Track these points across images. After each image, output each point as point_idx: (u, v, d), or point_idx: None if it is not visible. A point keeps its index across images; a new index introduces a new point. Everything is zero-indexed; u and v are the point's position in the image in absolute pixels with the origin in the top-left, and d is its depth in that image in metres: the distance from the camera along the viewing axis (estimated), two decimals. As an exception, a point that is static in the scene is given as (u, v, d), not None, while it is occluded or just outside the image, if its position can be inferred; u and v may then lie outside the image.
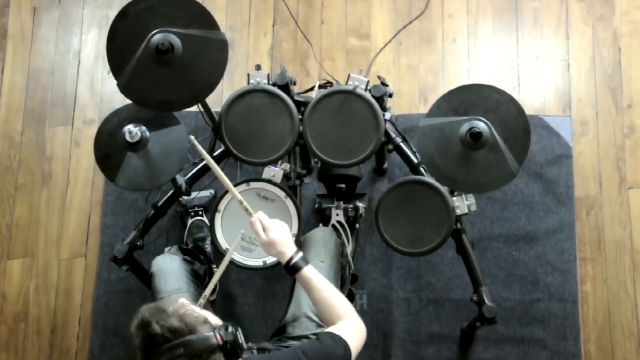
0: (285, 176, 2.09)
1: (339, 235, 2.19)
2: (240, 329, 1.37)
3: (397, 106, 2.61)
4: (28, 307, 2.52)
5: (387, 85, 1.99)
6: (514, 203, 2.48)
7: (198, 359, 1.27)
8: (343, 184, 2.29)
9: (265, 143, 1.91)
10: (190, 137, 1.75)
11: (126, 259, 2.07)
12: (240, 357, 1.34)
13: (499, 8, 2.71)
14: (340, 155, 1.90)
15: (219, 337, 1.29)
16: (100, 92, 2.73)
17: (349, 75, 1.91)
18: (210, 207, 2.42)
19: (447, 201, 1.88)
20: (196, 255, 2.23)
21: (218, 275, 1.65)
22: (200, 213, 2.45)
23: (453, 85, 1.89)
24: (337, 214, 2.30)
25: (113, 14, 1.80)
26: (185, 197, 2.36)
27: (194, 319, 1.30)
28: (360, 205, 2.33)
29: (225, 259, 1.68)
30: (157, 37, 1.76)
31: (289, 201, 1.97)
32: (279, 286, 2.44)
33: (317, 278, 1.62)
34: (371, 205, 2.42)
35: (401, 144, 2.03)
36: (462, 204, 1.93)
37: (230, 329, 1.33)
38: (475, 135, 1.77)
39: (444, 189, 1.89)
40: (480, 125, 1.79)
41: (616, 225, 2.46)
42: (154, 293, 1.94)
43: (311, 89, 2.13)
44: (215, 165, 1.72)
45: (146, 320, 1.27)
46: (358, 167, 2.31)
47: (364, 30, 2.72)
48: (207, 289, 1.63)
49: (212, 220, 1.98)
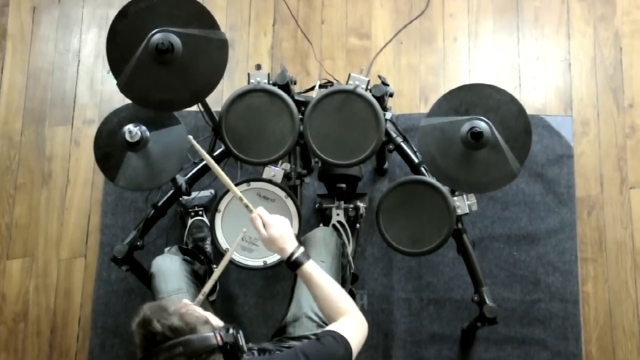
0: (286, 176, 2.09)
1: (340, 235, 2.18)
2: (241, 332, 1.36)
3: (398, 106, 2.60)
4: (28, 307, 2.52)
5: (388, 85, 1.98)
6: (515, 203, 2.47)
7: (197, 358, 1.26)
8: (344, 183, 2.29)
9: (265, 143, 1.91)
10: (189, 137, 1.74)
11: (126, 259, 2.07)
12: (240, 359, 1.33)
13: (499, 7, 2.71)
14: (340, 155, 1.90)
15: (219, 338, 1.29)
16: (100, 92, 2.73)
17: (349, 75, 1.91)
18: (211, 207, 2.41)
19: (448, 201, 1.88)
20: (196, 255, 2.22)
21: (218, 272, 1.64)
22: (201, 213, 2.44)
23: (454, 85, 1.89)
24: (338, 214, 2.30)
25: (113, 13, 1.79)
26: (186, 197, 2.36)
27: (195, 319, 1.30)
28: (361, 205, 2.33)
29: (226, 256, 1.68)
30: (157, 37, 1.76)
31: (289, 201, 1.97)
32: (279, 286, 2.44)
33: (319, 274, 1.61)
34: (372, 205, 2.41)
35: (402, 143, 2.03)
36: (463, 203, 1.92)
37: (231, 330, 1.33)
38: (476, 135, 1.77)
39: (445, 189, 1.89)
40: (482, 125, 1.79)
41: (617, 225, 2.46)
42: (153, 293, 1.94)
43: (311, 88, 2.13)
44: (214, 163, 1.72)
45: (147, 318, 1.27)
46: (359, 167, 2.30)
47: (365, 29, 2.72)
48: (206, 285, 1.62)
49: (213, 220, 1.97)
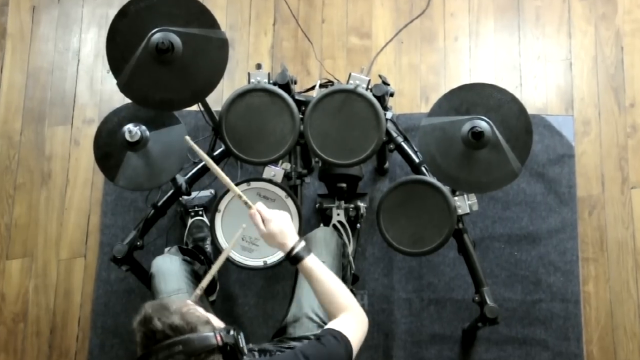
0: (286, 176, 2.08)
1: (340, 235, 2.18)
2: (242, 334, 1.36)
3: (399, 105, 2.60)
4: (27, 308, 2.51)
5: (389, 85, 1.98)
6: (516, 203, 2.47)
7: (196, 357, 1.26)
8: (344, 183, 2.29)
9: (265, 142, 1.90)
10: (186, 138, 1.73)
11: (126, 259, 2.07)
12: (240, 361, 1.33)
13: (500, 7, 2.70)
14: (341, 155, 1.89)
15: (219, 338, 1.29)
16: (100, 92, 2.72)
17: (350, 75, 1.90)
18: (211, 207, 2.41)
19: (449, 201, 1.87)
20: (196, 255, 2.22)
21: (216, 267, 1.62)
22: (201, 213, 2.44)
23: (455, 85, 1.89)
24: (338, 214, 2.30)
25: (113, 12, 1.79)
26: (186, 197, 2.35)
27: (195, 319, 1.30)
28: (362, 205, 2.32)
29: (224, 251, 1.66)
30: (157, 36, 1.75)
31: (289, 201, 1.96)
32: (279, 286, 2.43)
33: (320, 268, 1.61)
34: (372, 205, 2.41)
35: (402, 143, 2.02)
36: (464, 203, 1.92)
37: (232, 332, 1.33)
38: (477, 135, 1.76)
39: (446, 189, 1.88)
40: (482, 124, 1.78)
41: (619, 225, 2.45)
42: (153, 294, 1.93)
43: (312, 88, 2.12)
44: (211, 161, 1.71)
45: (148, 316, 1.27)
46: (359, 167, 2.30)
47: (365, 29, 2.71)
48: (204, 280, 1.60)
49: (213, 220, 1.97)
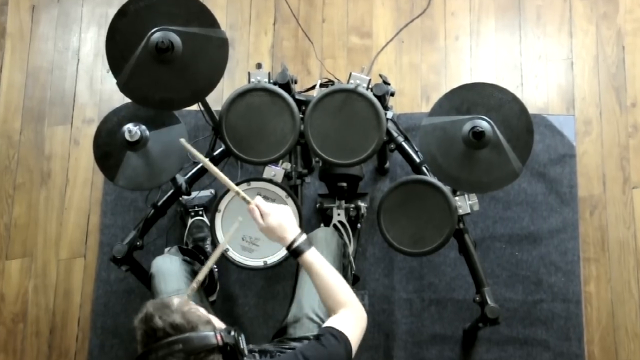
0: (286, 175, 2.08)
1: (341, 235, 2.17)
2: (243, 335, 1.36)
3: (399, 105, 2.59)
4: (27, 308, 2.51)
5: (389, 84, 1.97)
6: (517, 203, 2.46)
7: (196, 356, 1.26)
8: (344, 183, 2.28)
9: (266, 142, 1.90)
10: (181, 140, 1.72)
11: (126, 259, 2.07)
12: (240, 361, 1.33)
13: (501, 6, 2.69)
14: (341, 155, 1.88)
15: (219, 338, 1.29)
16: (100, 91, 2.72)
17: (350, 74, 1.90)
18: (211, 207, 2.40)
19: (450, 201, 1.87)
20: (196, 255, 2.22)
21: (213, 260, 1.61)
22: (201, 213, 2.43)
23: (455, 84, 1.88)
24: (339, 214, 2.30)
25: (112, 12, 1.79)
26: (186, 197, 2.35)
27: (196, 318, 1.30)
28: (362, 205, 2.32)
29: (221, 244, 1.65)
30: (157, 36, 1.75)
31: (290, 201, 1.96)
32: (280, 287, 2.43)
33: (320, 263, 1.59)
34: (373, 205, 2.40)
35: (403, 143, 2.02)
36: (465, 203, 1.92)
37: (232, 332, 1.33)
38: (478, 135, 1.76)
39: (447, 189, 1.88)
40: (483, 124, 1.78)
41: (620, 225, 2.44)
42: (153, 294, 1.93)
43: (312, 87, 2.12)
44: (207, 161, 1.71)
45: (149, 314, 1.27)
46: (360, 167, 2.30)
47: (366, 28, 2.70)
48: (200, 274, 1.57)
49: (213, 220, 1.96)
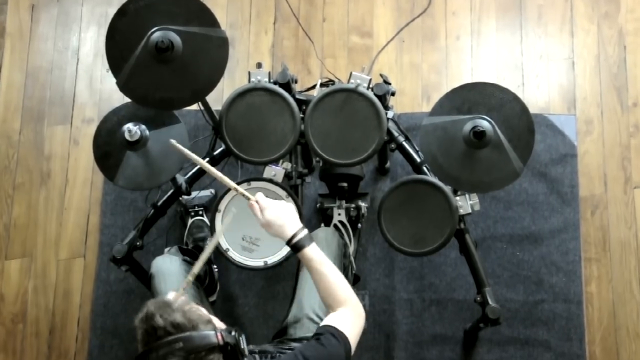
0: (287, 175, 2.08)
1: (341, 235, 2.17)
2: (244, 335, 1.36)
3: (400, 105, 2.58)
4: (26, 308, 2.50)
5: (390, 84, 1.97)
6: (518, 203, 2.45)
7: (196, 355, 1.25)
8: (345, 183, 2.28)
9: (266, 142, 1.90)
10: (171, 141, 1.70)
11: (125, 259, 2.06)
12: (240, 362, 1.33)
13: (502, 5, 2.69)
14: (342, 154, 1.88)
15: (219, 337, 1.29)
16: (100, 91, 2.71)
17: (351, 74, 1.90)
18: (211, 207, 2.40)
19: (451, 201, 1.86)
20: (196, 255, 2.20)
21: (208, 251, 1.59)
22: (201, 213, 2.43)
23: (456, 84, 1.88)
24: (339, 214, 2.29)
25: (112, 11, 1.79)
26: (186, 197, 2.35)
27: (197, 317, 1.30)
28: (363, 204, 2.31)
29: (214, 236, 1.64)
30: (157, 35, 1.75)
31: (290, 201, 1.95)
32: (280, 287, 2.42)
33: (320, 259, 1.58)
34: (373, 204, 2.39)
35: (404, 142, 2.02)
36: (466, 203, 1.91)
37: (233, 332, 1.33)
38: (478, 134, 1.76)
39: (447, 189, 1.87)
40: (484, 124, 1.78)
41: (621, 225, 2.44)
42: (153, 294, 1.92)
43: (313, 87, 2.11)
44: (202, 161, 1.71)
45: (150, 313, 1.27)
46: (360, 166, 2.29)
47: (366, 28, 2.70)
48: (195, 266, 1.56)
49: (213, 220, 1.96)
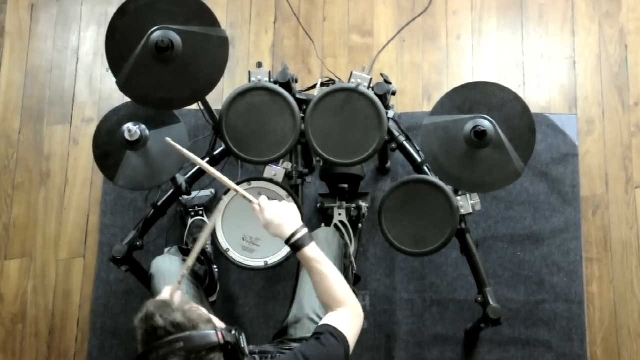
0: (287, 175, 2.07)
1: (342, 235, 2.17)
2: (244, 335, 1.36)
3: (401, 104, 2.58)
4: (26, 308, 2.50)
5: (390, 83, 1.97)
6: (519, 203, 2.45)
7: (197, 354, 1.26)
8: (345, 183, 2.28)
9: (266, 142, 1.89)
10: (166, 139, 1.69)
11: (125, 259, 2.06)
12: (241, 361, 1.32)
13: (503, 5, 2.68)
14: (342, 154, 1.88)
15: (220, 337, 1.29)
16: (99, 90, 2.71)
17: (351, 73, 1.89)
18: (211, 207, 2.40)
19: (452, 201, 1.86)
20: (196, 255, 2.20)
21: (203, 240, 1.58)
22: (201, 213, 2.42)
23: (457, 83, 1.88)
24: (340, 214, 2.29)
25: (112, 10, 1.79)
26: (186, 197, 2.34)
27: (197, 316, 1.30)
28: (363, 204, 2.31)
29: (209, 223, 1.62)
30: (157, 34, 1.75)
31: (290, 200, 1.95)
32: (280, 287, 2.42)
33: (320, 259, 1.58)
34: (374, 204, 2.39)
35: (404, 142, 2.01)
36: (467, 203, 1.91)
37: (233, 332, 1.33)
38: (479, 134, 1.76)
39: (448, 189, 1.87)
40: (485, 123, 1.77)
41: (623, 225, 2.43)
42: (153, 294, 1.92)
43: (313, 86, 2.10)
44: (201, 161, 1.71)
45: (150, 313, 1.27)
46: (361, 166, 2.29)
47: (367, 27, 2.69)
48: (190, 259, 1.57)
49: (213, 220, 1.95)
